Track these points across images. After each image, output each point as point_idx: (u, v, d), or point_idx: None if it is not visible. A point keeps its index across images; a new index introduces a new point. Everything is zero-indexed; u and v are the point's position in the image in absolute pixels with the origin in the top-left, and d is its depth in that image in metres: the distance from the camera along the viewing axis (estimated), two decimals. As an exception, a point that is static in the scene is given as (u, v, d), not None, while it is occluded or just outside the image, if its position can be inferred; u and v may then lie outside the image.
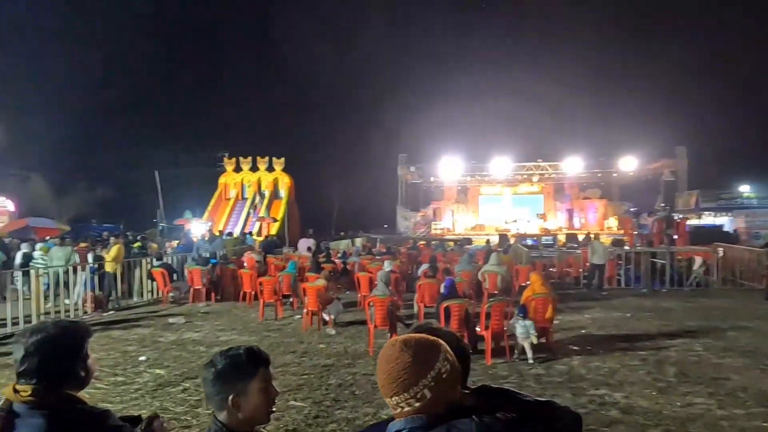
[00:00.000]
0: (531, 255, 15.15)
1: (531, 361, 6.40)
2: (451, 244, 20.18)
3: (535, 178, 31.07)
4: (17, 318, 8.45)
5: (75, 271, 10.14)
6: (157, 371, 6.24)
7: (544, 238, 25.34)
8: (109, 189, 38.93)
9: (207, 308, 10.50)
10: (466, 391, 1.41)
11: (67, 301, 9.82)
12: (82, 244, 12.99)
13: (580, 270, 13.80)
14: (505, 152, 29.05)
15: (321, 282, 8.76)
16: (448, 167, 29.19)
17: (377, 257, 14.20)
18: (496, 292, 10.08)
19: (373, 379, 5.88)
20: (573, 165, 28.62)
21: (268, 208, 28.21)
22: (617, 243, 15.25)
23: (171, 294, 11.18)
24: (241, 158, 30.51)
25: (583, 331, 8.26)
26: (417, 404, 1.16)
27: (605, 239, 19.20)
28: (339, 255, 15.07)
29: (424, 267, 10.56)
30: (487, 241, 19.29)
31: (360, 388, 5.55)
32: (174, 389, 5.57)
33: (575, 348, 7.15)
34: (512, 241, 20.48)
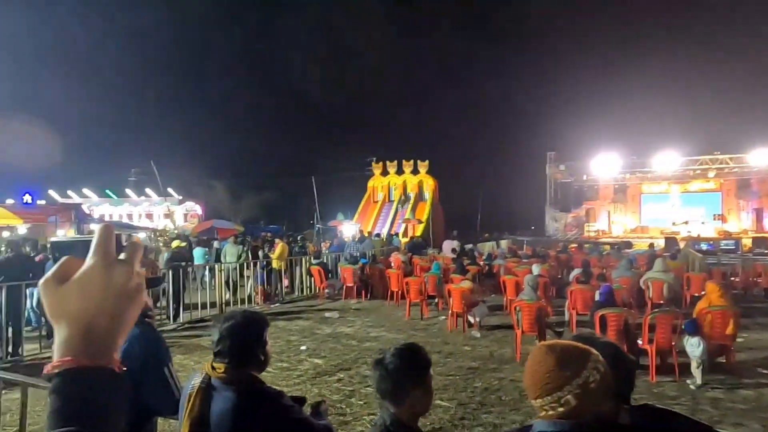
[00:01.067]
0: (706, 261, 13.28)
1: (698, 384, 5.61)
2: (607, 247, 18.57)
3: (711, 174, 27.12)
4: (205, 303, 9.94)
5: (248, 266, 11.61)
6: (316, 360, 6.81)
7: (723, 242, 21.98)
8: (274, 194, 43.60)
9: (358, 305, 11.16)
10: (626, 407, 1.33)
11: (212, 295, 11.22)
12: (254, 244, 14.73)
13: (772, 280, 11.70)
14: (671, 145, 25.90)
15: (466, 284, 8.75)
16: (604, 164, 26.95)
17: (524, 260, 13.69)
18: (662, 302, 9.05)
19: (521, 386, 5.69)
20: (763, 156, 24.39)
21: (414, 209, 28.93)
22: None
23: (326, 290, 12.11)
24: (387, 162, 31.77)
25: (776, 352, 7.01)
26: (561, 409, 1.16)
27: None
28: (483, 257, 14.87)
29: (576, 272, 9.92)
30: (651, 245, 17.36)
31: (507, 393, 5.43)
32: (330, 378, 6.03)
33: (765, 371, 6.11)
34: (682, 245, 18.14)
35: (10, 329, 6.82)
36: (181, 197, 35.15)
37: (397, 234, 23.70)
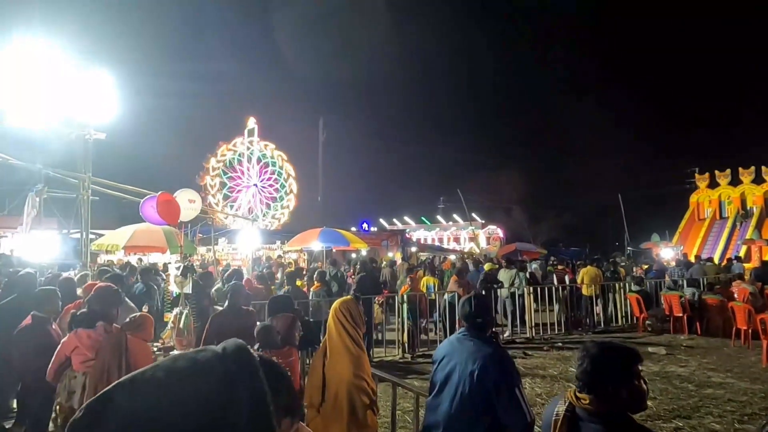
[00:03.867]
0: None
1: None
2: None
3: None
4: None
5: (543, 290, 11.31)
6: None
7: None
8: (574, 214, 41.90)
9: (690, 341, 9.53)
10: None
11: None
12: (560, 267, 14.35)
13: None
14: None
15: None
16: None
17: None
18: None
19: None
20: None
21: (758, 227, 23.21)
22: None
23: (647, 321, 10.78)
24: (717, 172, 26.58)
25: None
26: None
27: None
28: None
29: None
30: None
31: None
32: (665, 425, 5.29)
33: None
34: None
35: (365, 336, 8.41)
36: (483, 221, 37.27)
37: (736, 258, 19.40)
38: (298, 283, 9.14)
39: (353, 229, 27.68)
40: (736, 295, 10.54)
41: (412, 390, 3.23)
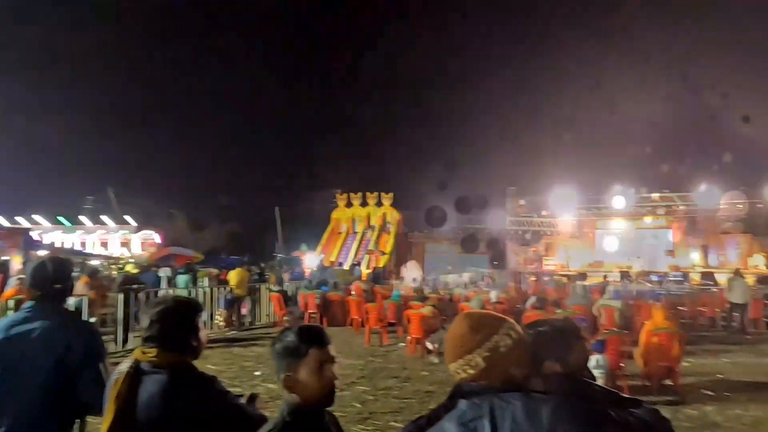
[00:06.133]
0: (656, 292, 13.80)
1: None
2: (565, 279, 19.07)
3: (661, 211, 28.40)
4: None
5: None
6: (270, 386, 6.64)
7: (672, 274, 22.94)
8: (237, 225, 43.10)
9: (317, 332, 10.99)
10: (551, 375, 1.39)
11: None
12: (214, 271, 14.52)
13: (717, 310, 12.23)
14: (625, 182, 27.07)
15: (426, 310, 8.78)
16: (562, 199, 27.85)
17: (485, 289, 13.90)
18: (614, 328, 9.31)
19: (476, 408, 5.74)
20: (708, 196, 25.78)
21: (377, 241, 29.01)
22: (765, 280, 13.32)
23: (285, 317, 11.91)
24: (351, 194, 31.98)
25: (720, 376, 7.29)
26: (471, 371, 1.21)
27: (750, 279, 16.89)
28: (446, 287, 15.02)
29: (532, 300, 10.12)
30: (605, 277, 17.94)
31: (461, 415, 5.43)
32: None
33: (709, 393, 6.34)
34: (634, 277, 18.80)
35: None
36: (138, 225, 34.12)
37: (358, 264, 23.65)
38: None
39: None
40: (353, 292, 12.81)
41: None
